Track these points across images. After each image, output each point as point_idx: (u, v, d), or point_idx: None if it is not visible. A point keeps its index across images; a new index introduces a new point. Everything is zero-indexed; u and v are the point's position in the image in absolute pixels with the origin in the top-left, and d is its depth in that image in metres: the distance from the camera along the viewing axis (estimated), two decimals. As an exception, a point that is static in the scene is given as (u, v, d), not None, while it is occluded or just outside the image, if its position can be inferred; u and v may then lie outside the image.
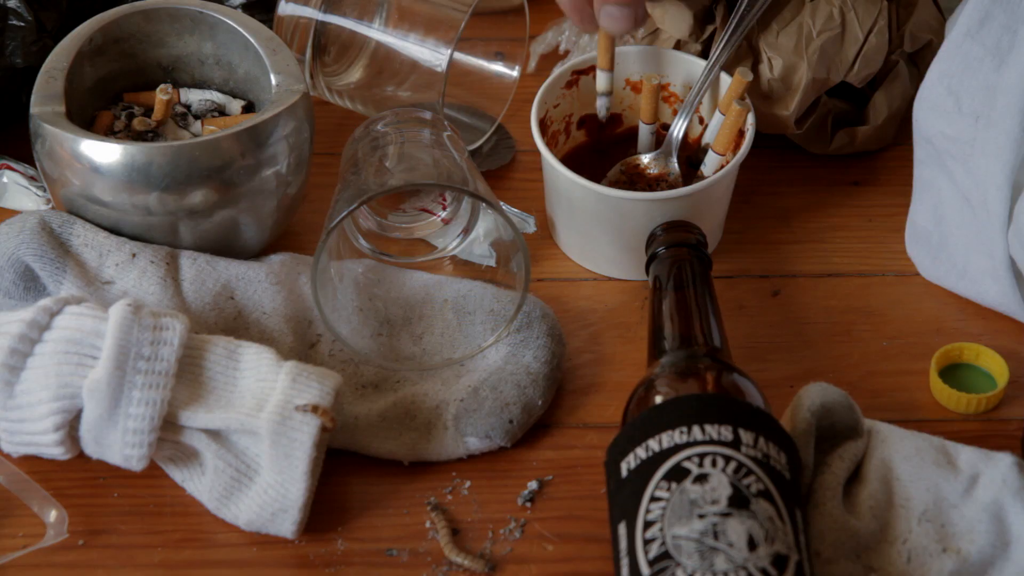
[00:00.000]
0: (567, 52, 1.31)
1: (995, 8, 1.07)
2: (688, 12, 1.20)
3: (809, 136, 1.21)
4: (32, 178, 1.19)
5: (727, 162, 1.15)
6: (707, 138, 1.18)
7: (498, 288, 1.11)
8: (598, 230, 1.14)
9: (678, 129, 1.18)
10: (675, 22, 1.21)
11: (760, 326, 1.13)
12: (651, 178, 1.18)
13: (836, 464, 0.99)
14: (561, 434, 1.07)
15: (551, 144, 1.18)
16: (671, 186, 1.17)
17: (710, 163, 1.17)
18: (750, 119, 1.14)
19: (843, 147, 1.22)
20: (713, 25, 1.21)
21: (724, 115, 1.16)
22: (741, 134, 1.15)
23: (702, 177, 1.17)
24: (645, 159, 1.19)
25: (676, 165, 1.18)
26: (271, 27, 1.22)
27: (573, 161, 1.20)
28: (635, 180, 1.19)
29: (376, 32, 1.21)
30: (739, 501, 0.91)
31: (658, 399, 0.98)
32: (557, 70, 1.19)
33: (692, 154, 1.20)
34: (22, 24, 1.19)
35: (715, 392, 0.98)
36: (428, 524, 1.01)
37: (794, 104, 1.18)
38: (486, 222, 1.14)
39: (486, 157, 1.24)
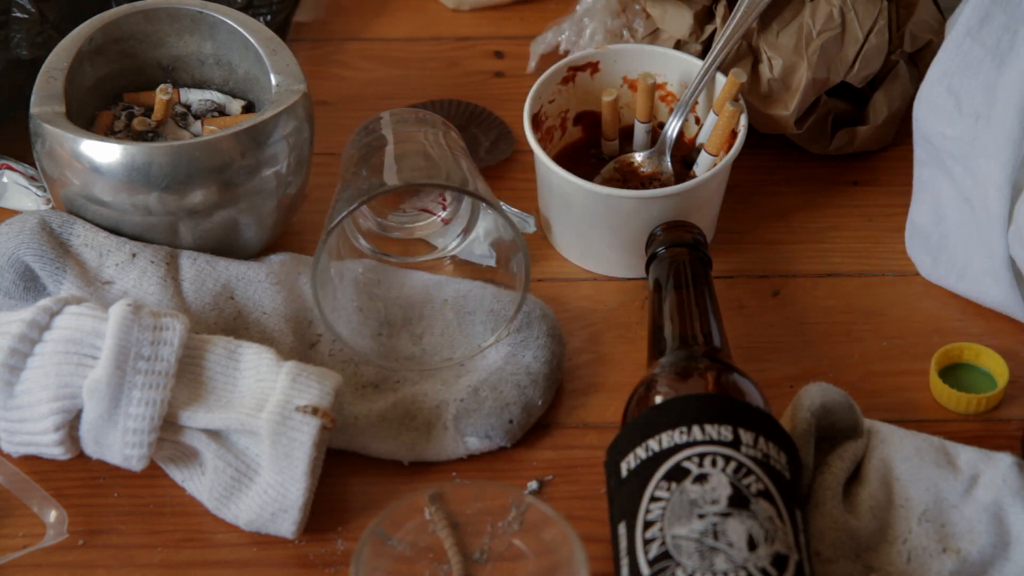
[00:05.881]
0: (567, 52, 1.31)
1: (995, 8, 1.07)
2: (688, 12, 1.20)
3: (809, 136, 1.21)
4: (32, 178, 1.19)
5: (719, 162, 1.15)
6: (701, 138, 1.18)
7: (498, 288, 1.11)
8: (591, 228, 1.14)
9: (672, 128, 1.18)
10: (675, 22, 1.21)
11: (760, 326, 1.13)
12: (644, 176, 1.18)
13: (836, 464, 0.99)
14: (561, 434, 1.07)
15: (546, 140, 1.18)
16: (663, 185, 1.17)
17: (702, 163, 1.17)
18: (743, 120, 1.14)
19: (843, 147, 1.22)
20: (713, 25, 1.21)
21: (718, 116, 1.16)
22: (734, 135, 1.15)
23: (694, 177, 1.17)
24: (639, 157, 1.19)
25: (669, 164, 1.18)
26: (271, 27, 1.22)
27: (568, 158, 1.20)
28: (628, 178, 1.19)
29: None
30: (739, 501, 0.91)
31: (658, 399, 0.98)
32: (553, 66, 1.20)
33: (687, 154, 1.20)
34: (25, 16, 1.19)
35: (715, 392, 0.98)
36: (428, 516, 1.01)
37: (794, 104, 1.17)
38: (486, 222, 1.14)
39: (486, 153, 1.24)
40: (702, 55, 1.20)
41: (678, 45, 1.22)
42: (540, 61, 1.32)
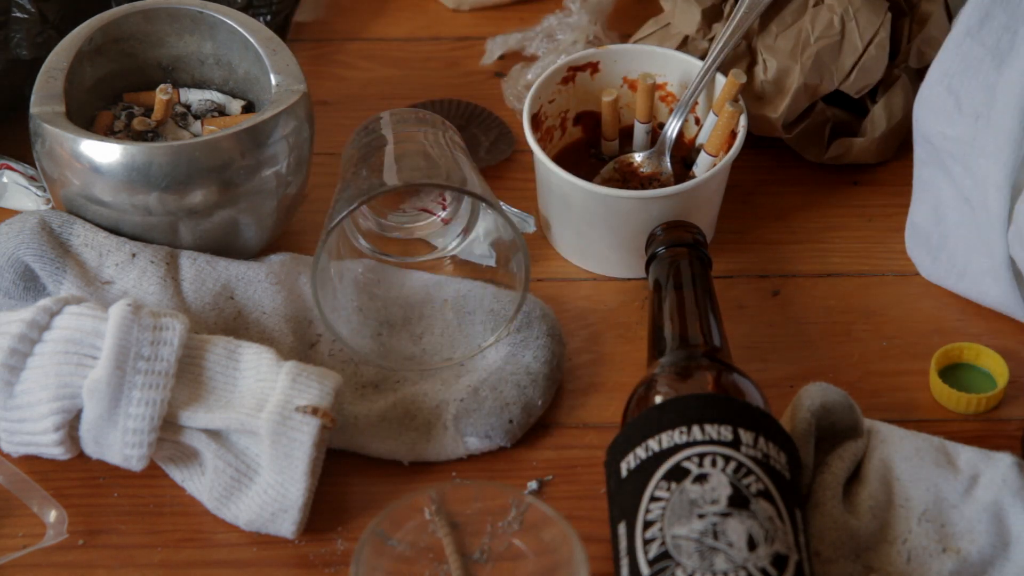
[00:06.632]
0: (534, 56, 1.31)
1: (995, 8, 1.07)
2: (697, 8, 1.20)
3: (804, 142, 1.21)
4: (32, 178, 1.19)
5: (719, 163, 1.15)
6: (701, 139, 1.19)
7: (498, 288, 1.11)
8: (591, 228, 1.14)
9: (672, 129, 1.18)
10: (684, 17, 1.21)
11: (760, 326, 1.13)
12: (644, 177, 1.19)
13: (836, 464, 0.99)
14: (561, 434, 1.07)
15: (545, 140, 1.18)
16: (663, 185, 1.17)
17: (702, 164, 1.17)
18: (742, 121, 1.14)
19: (839, 157, 1.21)
20: (721, 23, 1.20)
21: (717, 116, 1.16)
22: (734, 135, 1.15)
23: (694, 177, 1.17)
24: (638, 158, 1.19)
25: (669, 164, 1.18)
26: (271, 27, 1.22)
27: (568, 158, 1.20)
28: (628, 178, 1.19)
29: None
30: (739, 501, 0.91)
31: (658, 399, 0.98)
32: (553, 66, 1.20)
33: (687, 154, 1.20)
34: (25, 16, 1.19)
35: (715, 392, 0.98)
36: (428, 516, 1.01)
37: (783, 107, 1.17)
38: (486, 222, 1.14)
39: (486, 153, 1.24)
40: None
41: (685, 41, 1.22)
42: (498, 59, 1.32)
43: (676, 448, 0.93)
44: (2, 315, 1.02)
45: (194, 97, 1.19)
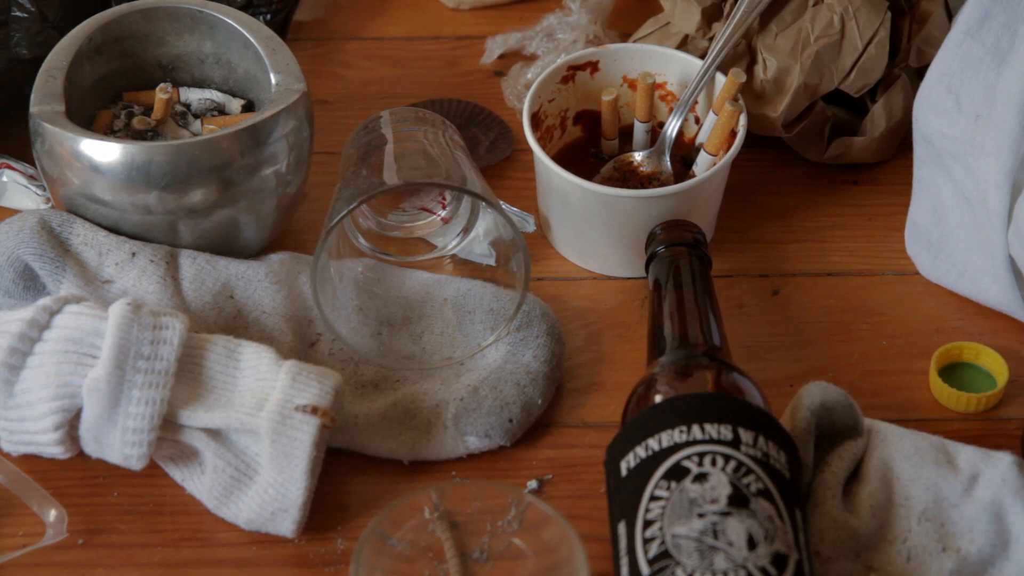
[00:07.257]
0: (533, 55, 1.31)
1: (995, 7, 1.07)
2: (697, 8, 1.20)
3: (804, 142, 1.21)
4: (32, 177, 1.19)
5: (719, 162, 1.15)
6: (700, 138, 1.19)
7: (498, 287, 1.11)
8: (591, 227, 1.14)
9: (672, 128, 1.18)
10: (684, 16, 1.21)
11: (760, 325, 1.13)
12: (643, 176, 1.19)
13: (836, 463, 0.99)
14: (561, 433, 1.07)
15: (545, 139, 1.18)
16: (663, 184, 1.17)
17: (702, 163, 1.17)
18: (742, 120, 1.14)
19: (839, 156, 1.21)
20: (721, 23, 1.20)
21: (717, 115, 1.16)
22: (733, 134, 1.15)
23: (694, 176, 1.17)
24: (638, 157, 1.19)
25: (668, 163, 1.18)
26: (271, 27, 1.22)
27: (568, 157, 1.20)
28: (628, 177, 1.19)
29: None
30: (739, 500, 0.91)
31: (658, 398, 0.98)
32: (552, 65, 1.20)
33: (687, 153, 1.20)
34: (25, 15, 1.19)
35: (715, 391, 0.98)
36: (428, 515, 1.01)
37: (782, 106, 1.17)
38: (486, 221, 1.14)
39: (486, 153, 1.24)
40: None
41: (685, 40, 1.22)
42: (497, 58, 1.32)
43: (676, 447, 0.93)
44: (2, 314, 1.02)
45: (194, 96, 1.19)
